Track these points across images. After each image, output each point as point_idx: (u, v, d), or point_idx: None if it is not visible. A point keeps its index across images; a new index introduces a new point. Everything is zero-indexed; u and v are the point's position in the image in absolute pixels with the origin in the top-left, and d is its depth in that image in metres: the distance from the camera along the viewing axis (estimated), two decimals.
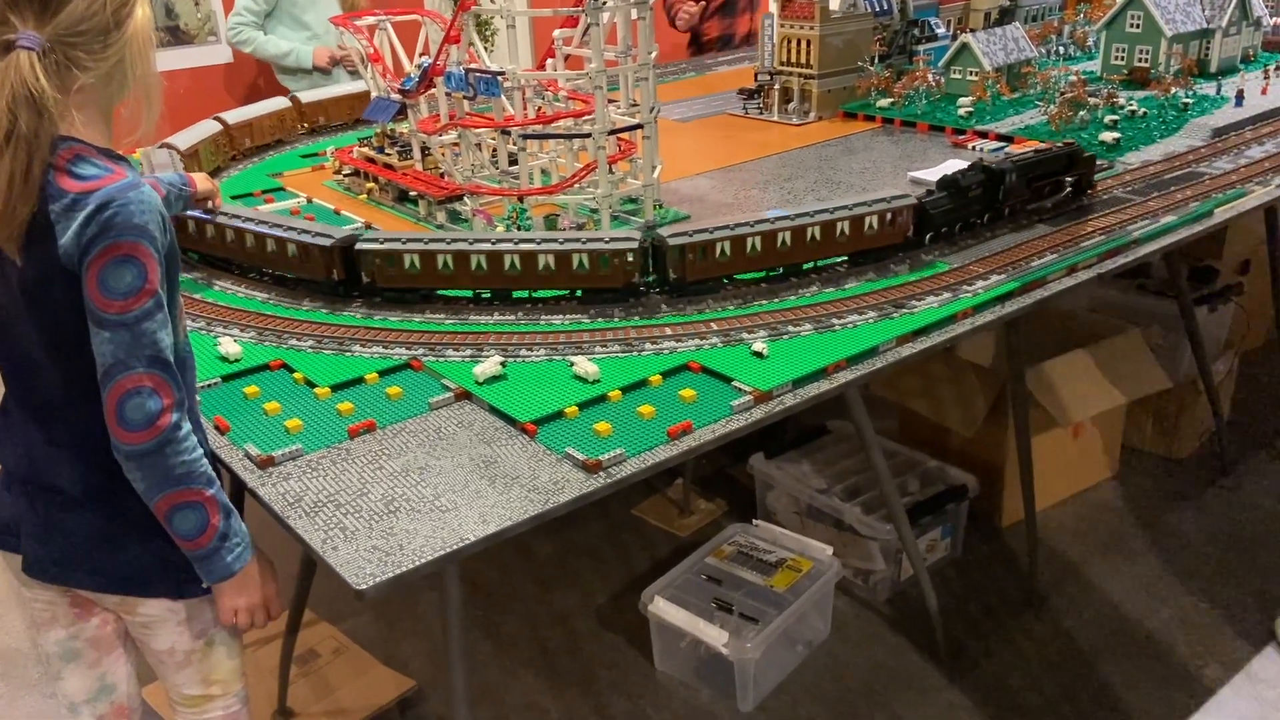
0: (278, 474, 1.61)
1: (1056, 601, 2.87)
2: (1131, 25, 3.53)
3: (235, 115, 3.35)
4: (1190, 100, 3.29)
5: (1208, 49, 3.62)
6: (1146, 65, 3.51)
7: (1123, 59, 3.58)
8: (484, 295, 2.16)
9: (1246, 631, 2.71)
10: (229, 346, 1.95)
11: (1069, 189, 2.46)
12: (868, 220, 2.20)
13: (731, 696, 2.58)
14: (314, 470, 1.62)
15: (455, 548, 1.42)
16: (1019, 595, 2.90)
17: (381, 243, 2.14)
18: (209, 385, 1.87)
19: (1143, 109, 3.15)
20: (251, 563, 1.54)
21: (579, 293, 2.15)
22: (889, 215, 2.22)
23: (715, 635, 2.50)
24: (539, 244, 2.11)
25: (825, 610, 2.81)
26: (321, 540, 1.45)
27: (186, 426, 1.43)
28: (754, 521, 2.97)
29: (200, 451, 1.46)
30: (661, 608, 2.62)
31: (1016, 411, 2.71)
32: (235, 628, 1.66)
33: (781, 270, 2.22)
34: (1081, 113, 3.09)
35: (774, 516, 3.20)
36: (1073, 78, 3.23)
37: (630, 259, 2.09)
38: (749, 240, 2.14)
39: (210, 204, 2.24)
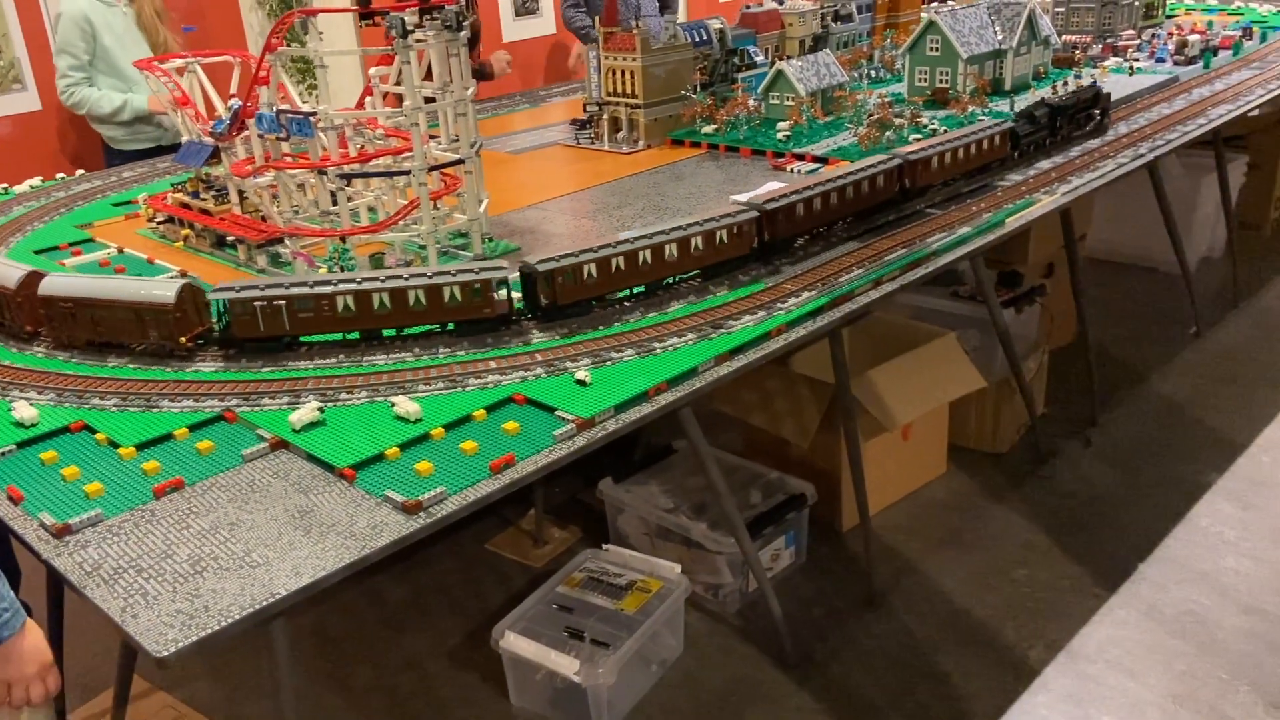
0: (75, 542, 1.54)
1: (895, 598, 2.99)
2: (931, 49, 3.76)
3: None
4: (986, 117, 3.51)
5: (1001, 68, 3.89)
6: (946, 86, 3.74)
7: (926, 81, 3.81)
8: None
9: (1067, 612, 2.89)
10: (24, 411, 1.85)
11: (1098, 117, 3.41)
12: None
13: None
14: (115, 535, 1.55)
15: (265, 604, 1.39)
16: (860, 596, 3.01)
17: None
18: (1, 454, 1.77)
19: (944, 127, 3.35)
20: (21, 632, 1.46)
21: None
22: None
23: (566, 664, 2.50)
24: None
25: (677, 628, 2.85)
26: (121, 608, 1.39)
27: None
28: (604, 546, 3.00)
29: None
30: (512, 642, 2.60)
31: (845, 419, 2.83)
32: (46, 698, 1.57)
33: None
34: (888, 133, 3.27)
35: (625, 539, 3.23)
36: (877, 100, 3.41)
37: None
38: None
39: None
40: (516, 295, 2.23)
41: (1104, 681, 2.64)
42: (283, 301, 2.04)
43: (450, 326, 2.16)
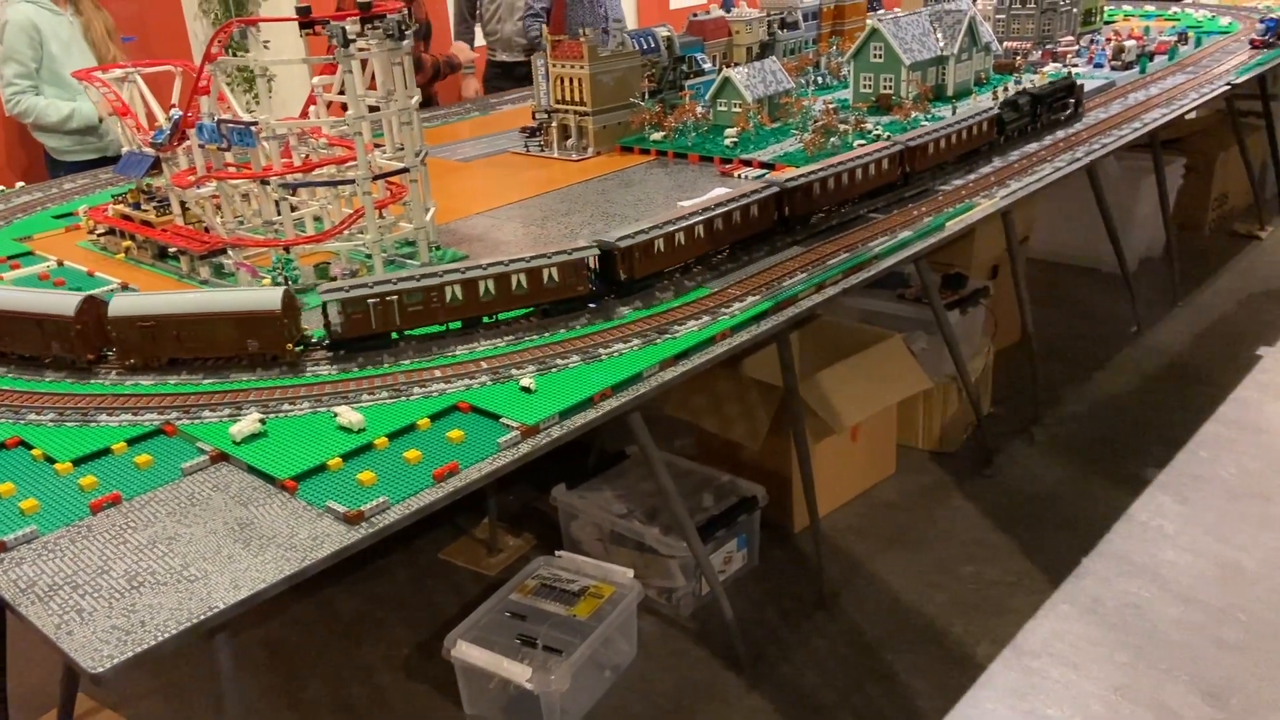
0: (9, 560, 1.51)
1: (845, 598, 3.03)
2: (875, 56, 3.81)
3: None
4: (929, 123, 3.57)
5: (943, 75, 3.95)
6: (890, 92, 3.80)
7: (870, 87, 3.86)
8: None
9: (1013, 607, 2.95)
10: None
11: (1073, 105, 3.73)
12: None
13: None
14: (50, 552, 1.53)
15: (203, 618, 1.38)
16: (812, 596, 3.04)
17: None
18: None
19: (887, 133, 3.40)
20: None
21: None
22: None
23: (519, 672, 2.50)
24: None
25: (630, 632, 2.86)
26: (56, 626, 1.37)
27: None
28: (557, 553, 3.00)
29: None
30: (465, 651, 2.60)
31: (793, 422, 2.86)
32: None
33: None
34: (833, 138, 3.32)
35: (579, 546, 3.24)
36: (822, 106, 3.45)
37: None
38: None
39: None
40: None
41: (1048, 675, 2.69)
42: (395, 297, 2.07)
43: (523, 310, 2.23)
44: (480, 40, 5.64)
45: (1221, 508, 3.33)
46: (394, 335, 2.13)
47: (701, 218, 2.43)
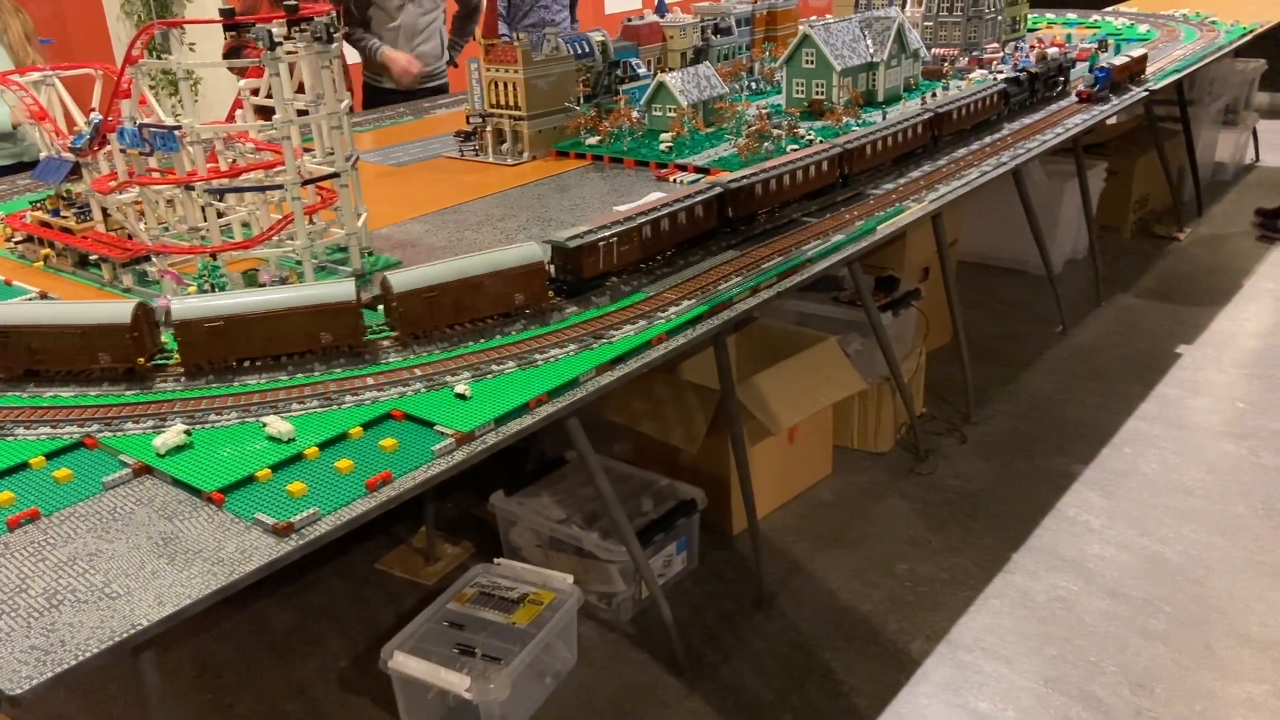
0: None
1: (783, 599, 3.06)
2: (806, 62, 3.86)
3: None
4: (859, 127, 3.63)
5: (873, 80, 4.02)
6: (822, 97, 3.85)
7: (802, 92, 3.91)
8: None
9: (946, 603, 3.00)
10: None
11: (1062, 83, 4.24)
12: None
13: None
14: None
15: (125, 636, 1.34)
16: (751, 598, 3.06)
17: None
18: None
19: (820, 138, 3.45)
20: None
21: None
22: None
23: (456, 681, 2.48)
24: None
25: (570, 639, 2.85)
26: None
27: None
28: (496, 560, 2.98)
29: None
30: (402, 662, 2.57)
31: (731, 424, 2.88)
32: None
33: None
34: (766, 143, 3.35)
35: (518, 552, 3.22)
36: (756, 111, 3.49)
37: None
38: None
39: None
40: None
41: (980, 669, 2.75)
42: (615, 239, 2.33)
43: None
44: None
45: (1145, 502, 3.44)
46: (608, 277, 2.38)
47: (786, 169, 2.77)
